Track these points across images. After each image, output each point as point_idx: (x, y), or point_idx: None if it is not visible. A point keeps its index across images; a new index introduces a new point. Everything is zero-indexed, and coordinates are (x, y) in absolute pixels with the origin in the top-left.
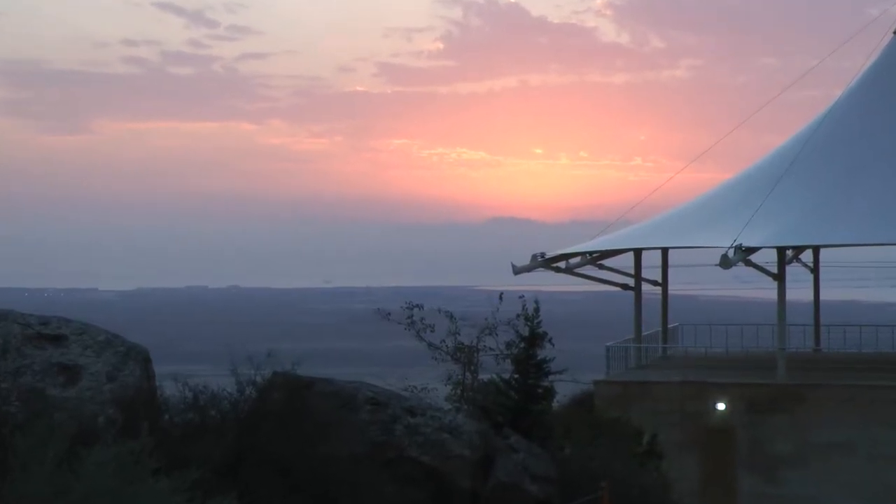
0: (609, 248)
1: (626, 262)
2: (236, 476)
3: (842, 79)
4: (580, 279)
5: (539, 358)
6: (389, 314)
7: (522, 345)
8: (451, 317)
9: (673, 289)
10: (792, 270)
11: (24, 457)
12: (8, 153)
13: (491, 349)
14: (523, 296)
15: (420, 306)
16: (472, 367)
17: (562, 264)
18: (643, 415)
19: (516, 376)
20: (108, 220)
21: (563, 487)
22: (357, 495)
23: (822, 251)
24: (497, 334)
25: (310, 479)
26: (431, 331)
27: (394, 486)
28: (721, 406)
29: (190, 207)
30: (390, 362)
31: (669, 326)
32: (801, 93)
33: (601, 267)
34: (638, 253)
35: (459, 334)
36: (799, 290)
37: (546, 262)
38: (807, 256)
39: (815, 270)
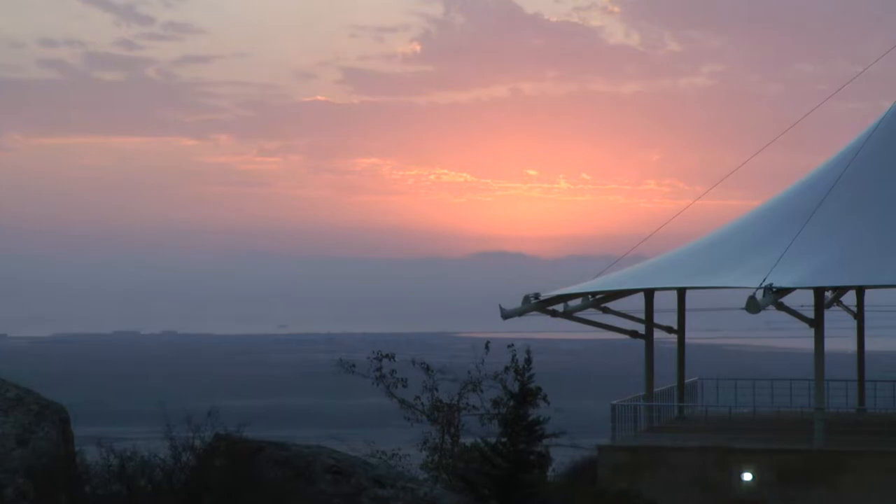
0: (616, 289)
1: (636, 304)
2: None
3: (891, 88)
4: (581, 325)
5: (531, 418)
6: (354, 366)
7: (512, 403)
8: (427, 369)
9: (691, 337)
10: (832, 315)
11: None
12: None
13: (475, 408)
14: (513, 344)
15: (391, 357)
16: (453, 430)
17: (559, 307)
18: (655, 486)
19: (504, 440)
20: (20, 253)
21: None
22: None
23: (868, 293)
24: (482, 390)
25: None
26: (404, 386)
27: None
28: (747, 476)
29: (118, 239)
30: (355, 423)
31: (687, 381)
32: (845, 105)
33: (606, 310)
34: (650, 294)
35: (437, 390)
36: (840, 338)
37: (541, 305)
38: (849, 299)
39: (858, 315)
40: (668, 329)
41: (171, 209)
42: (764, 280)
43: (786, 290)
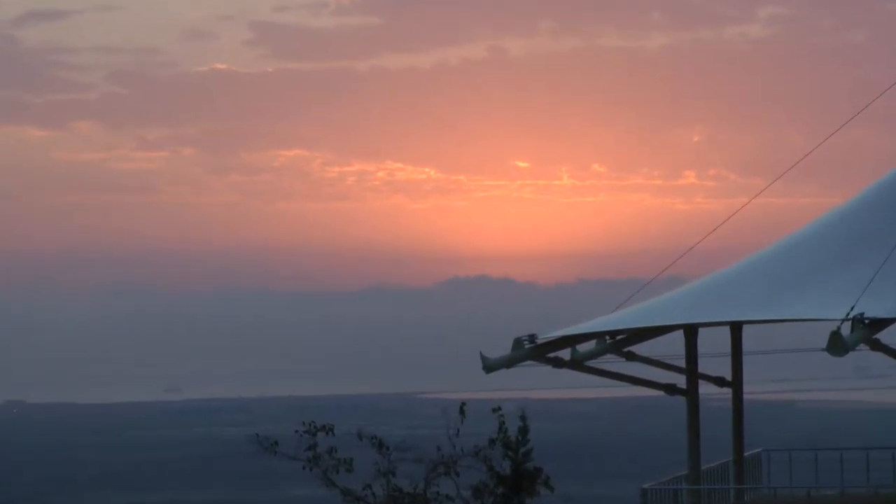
0: (644, 325)
1: (674, 347)
2: None
3: None
4: (597, 378)
5: None
6: (277, 443)
7: (501, 490)
8: (380, 445)
9: (752, 391)
10: None
11: None
12: None
13: (448, 498)
14: (500, 407)
15: (329, 429)
16: None
17: (565, 354)
18: None
19: None
20: None
21: None
22: None
23: None
24: (458, 473)
25: None
26: (348, 470)
27: None
28: None
29: None
30: None
31: (747, 454)
32: None
33: (632, 357)
34: (692, 332)
35: (395, 475)
36: None
37: (539, 351)
38: None
39: None
40: (719, 381)
41: (17, 228)
42: (852, 309)
43: (883, 323)
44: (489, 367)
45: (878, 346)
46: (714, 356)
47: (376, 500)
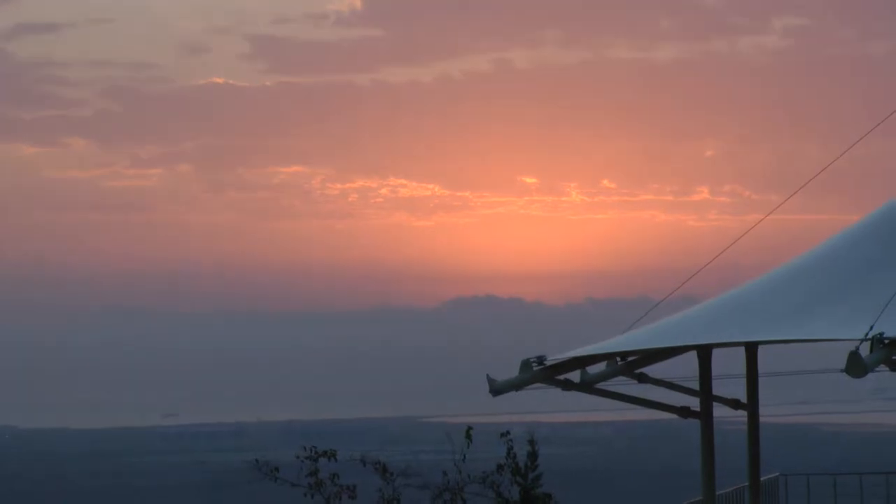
0: (656, 347)
1: (686, 368)
2: None
3: None
4: (607, 401)
5: None
6: (278, 469)
7: None
8: (384, 471)
9: (768, 414)
10: None
11: None
12: None
13: None
14: (509, 432)
15: (331, 455)
16: None
17: (575, 376)
18: None
19: None
20: None
21: None
22: None
23: None
24: (464, 499)
25: None
26: (351, 497)
27: None
28: None
29: None
30: None
31: (763, 478)
32: None
33: (643, 379)
34: (706, 353)
35: (399, 501)
36: None
37: (547, 373)
38: None
39: None
40: (734, 403)
41: (6, 247)
42: (871, 328)
43: None
44: (496, 389)
45: None
46: (729, 378)
47: None
